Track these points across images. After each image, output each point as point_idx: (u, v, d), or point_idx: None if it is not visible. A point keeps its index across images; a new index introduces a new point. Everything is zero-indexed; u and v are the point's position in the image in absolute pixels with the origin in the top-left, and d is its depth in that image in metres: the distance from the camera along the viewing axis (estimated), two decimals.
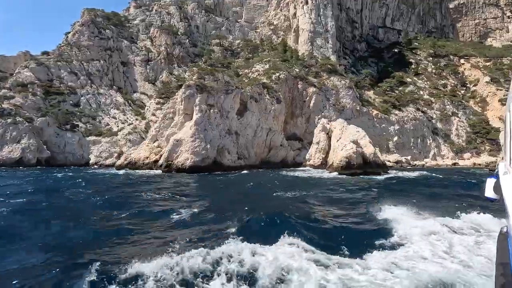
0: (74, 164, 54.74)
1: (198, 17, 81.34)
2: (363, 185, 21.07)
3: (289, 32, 72.89)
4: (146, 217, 11.64)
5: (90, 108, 61.12)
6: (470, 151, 58.21)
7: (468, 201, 14.07)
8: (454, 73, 78.02)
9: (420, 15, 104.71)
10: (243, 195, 17.31)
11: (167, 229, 9.95)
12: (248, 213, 11.02)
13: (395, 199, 13.85)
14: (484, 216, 10.45)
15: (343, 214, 11.99)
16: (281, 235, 7.89)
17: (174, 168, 31.02)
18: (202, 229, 9.66)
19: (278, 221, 9.78)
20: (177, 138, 32.80)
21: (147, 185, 21.79)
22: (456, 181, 24.14)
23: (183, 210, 12.36)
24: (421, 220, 10.12)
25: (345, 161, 26.30)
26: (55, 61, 62.25)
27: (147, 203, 14.69)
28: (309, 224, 9.69)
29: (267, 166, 38.63)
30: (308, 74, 54.72)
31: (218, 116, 35.40)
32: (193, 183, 22.92)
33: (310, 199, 15.24)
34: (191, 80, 37.20)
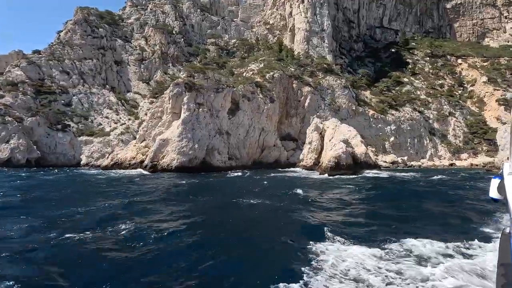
0: (65, 165, 53.69)
1: (194, 16, 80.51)
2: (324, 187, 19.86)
3: (285, 31, 72.18)
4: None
5: (82, 108, 60.11)
6: (467, 151, 57.59)
7: (414, 223, 10.58)
8: (451, 73, 77.53)
9: (417, 15, 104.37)
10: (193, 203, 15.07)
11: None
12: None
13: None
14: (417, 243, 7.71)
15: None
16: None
17: (159, 168, 30.10)
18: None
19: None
20: (163, 137, 31.86)
21: (112, 187, 20.60)
22: (444, 185, 22.33)
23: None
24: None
25: (334, 162, 25.37)
26: (46, 60, 61.22)
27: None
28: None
29: (260, 166, 37.75)
30: (304, 74, 53.96)
31: (207, 115, 34.48)
32: (163, 188, 20.18)
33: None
34: (179, 78, 36.30)
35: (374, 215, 11.76)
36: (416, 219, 11.03)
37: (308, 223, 10.62)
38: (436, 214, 12.05)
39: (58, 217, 11.25)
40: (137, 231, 9.24)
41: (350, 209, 13.20)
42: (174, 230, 9.40)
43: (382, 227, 9.91)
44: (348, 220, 11.04)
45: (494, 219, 10.81)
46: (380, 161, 49.16)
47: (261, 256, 7.55)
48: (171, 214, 11.83)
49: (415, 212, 12.53)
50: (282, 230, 9.72)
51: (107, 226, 9.74)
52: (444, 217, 11.45)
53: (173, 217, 11.38)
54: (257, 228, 10.33)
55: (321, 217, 11.64)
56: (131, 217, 11.03)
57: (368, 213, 12.18)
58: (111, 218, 10.80)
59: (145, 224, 10.16)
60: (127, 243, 8.19)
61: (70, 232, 8.94)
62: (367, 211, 12.70)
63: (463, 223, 10.52)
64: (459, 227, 9.91)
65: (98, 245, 8.02)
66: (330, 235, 8.72)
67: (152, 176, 26.43)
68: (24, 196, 16.84)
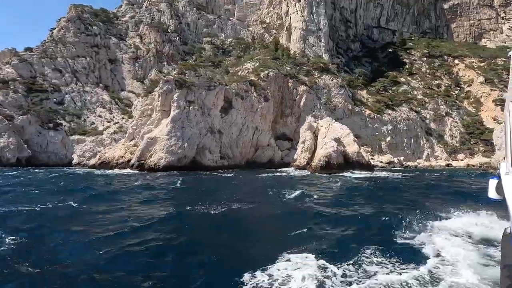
0: (57, 164, 52.78)
1: (189, 14, 79.76)
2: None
3: (282, 30, 71.62)
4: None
5: (75, 107, 59.18)
6: (464, 151, 57.21)
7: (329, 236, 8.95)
8: (448, 73, 77.29)
9: (414, 15, 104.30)
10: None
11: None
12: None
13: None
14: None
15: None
16: None
17: (146, 167, 29.26)
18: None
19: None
20: (151, 136, 31.05)
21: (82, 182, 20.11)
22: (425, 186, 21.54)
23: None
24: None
25: (324, 161, 24.66)
26: (38, 58, 60.25)
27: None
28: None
29: (254, 166, 37.03)
30: (299, 73, 53.34)
31: (198, 113, 33.69)
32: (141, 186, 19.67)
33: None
34: (169, 75, 35.56)
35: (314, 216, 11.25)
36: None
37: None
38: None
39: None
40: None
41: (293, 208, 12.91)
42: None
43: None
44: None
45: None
46: (376, 161, 48.61)
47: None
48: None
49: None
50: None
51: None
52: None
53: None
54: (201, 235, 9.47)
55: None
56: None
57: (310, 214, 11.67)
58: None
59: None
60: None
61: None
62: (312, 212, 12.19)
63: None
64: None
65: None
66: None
67: (133, 174, 25.69)
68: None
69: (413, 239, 8.00)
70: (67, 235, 8.61)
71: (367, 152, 49.94)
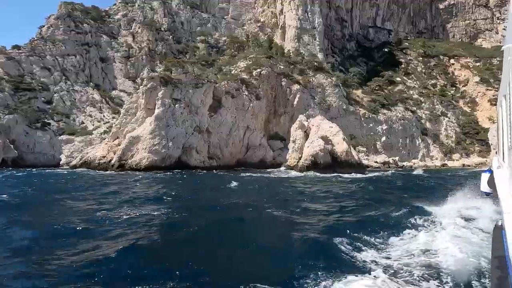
0: (45, 165, 51.42)
1: (183, 13, 78.65)
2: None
3: (276, 29, 70.78)
4: None
5: (64, 106, 57.80)
6: (459, 151, 56.61)
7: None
8: (444, 73, 76.91)
9: (410, 15, 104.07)
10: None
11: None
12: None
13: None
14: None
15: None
16: None
17: (127, 168, 28.10)
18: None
19: None
20: (134, 134, 29.90)
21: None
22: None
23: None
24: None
25: (310, 160, 23.59)
26: (26, 56, 58.81)
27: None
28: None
29: (244, 166, 36.00)
30: (293, 71, 52.44)
31: (185, 111, 32.56)
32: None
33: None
34: (154, 72, 34.44)
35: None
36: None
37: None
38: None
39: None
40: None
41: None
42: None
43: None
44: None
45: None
46: (371, 161, 47.84)
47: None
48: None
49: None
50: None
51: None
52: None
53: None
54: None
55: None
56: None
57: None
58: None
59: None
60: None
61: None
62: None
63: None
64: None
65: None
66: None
67: (109, 175, 24.60)
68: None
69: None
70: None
71: (361, 152, 49.15)
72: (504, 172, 3.58)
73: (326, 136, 25.25)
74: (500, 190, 3.23)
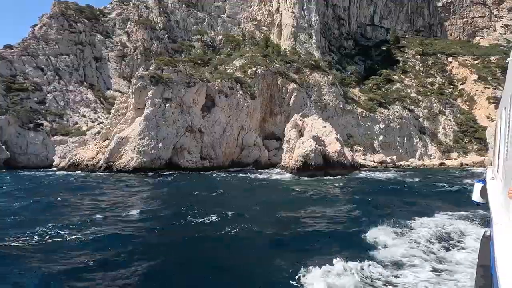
0: (37, 166, 50.68)
1: (179, 11, 77.82)
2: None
3: (273, 27, 70.13)
4: None
5: (57, 106, 57.00)
6: (457, 150, 56.13)
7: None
8: (442, 71, 76.45)
9: (408, 13, 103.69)
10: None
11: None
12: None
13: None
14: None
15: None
16: None
17: (114, 169, 27.36)
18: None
19: None
20: (122, 135, 29.18)
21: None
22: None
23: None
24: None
25: (301, 161, 22.84)
26: (19, 56, 57.94)
27: None
28: None
29: (239, 166, 35.36)
30: (289, 70, 51.79)
31: (176, 111, 31.83)
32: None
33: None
34: (144, 71, 33.76)
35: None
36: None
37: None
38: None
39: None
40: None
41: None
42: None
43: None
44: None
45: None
46: (368, 160, 47.31)
47: None
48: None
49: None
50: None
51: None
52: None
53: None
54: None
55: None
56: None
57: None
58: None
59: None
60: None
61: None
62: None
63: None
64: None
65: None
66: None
67: (91, 176, 23.77)
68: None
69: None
70: None
71: (358, 151, 48.60)
72: (498, 183, 3.60)
73: (318, 136, 24.52)
74: (492, 201, 3.23)
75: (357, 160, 30.67)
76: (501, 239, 2.26)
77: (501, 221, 2.60)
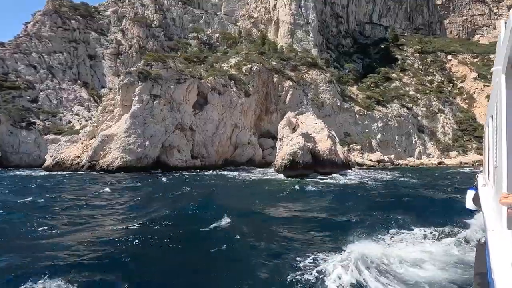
0: (30, 165, 49.84)
1: (175, 9, 76.89)
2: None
3: (270, 25, 69.25)
4: None
5: (50, 104, 56.10)
6: (456, 149, 55.34)
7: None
8: (441, 69, 75.69)
9: (407, 11, 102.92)
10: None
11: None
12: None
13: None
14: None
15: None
16: None
17: (97, 169, 26.40)
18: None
19: None
20: (107, 133, 28.23)
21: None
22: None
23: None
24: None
25: (288, 159, 21.79)
26: (11, 53, 57.03)
27: None
28: None
29: (233, 166, 34.51)
30: (286, 68, 50.91)
31: (165, 108, 30.89)
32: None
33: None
34: (132, 67, 32.87)
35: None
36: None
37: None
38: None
39: None
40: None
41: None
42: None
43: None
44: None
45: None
46: (365, 159, 46.50)
47: None
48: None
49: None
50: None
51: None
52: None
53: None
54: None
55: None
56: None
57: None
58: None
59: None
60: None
61: None
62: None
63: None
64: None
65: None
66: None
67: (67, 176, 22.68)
68: None
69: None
70: None
71: (355, 150, 47.78)
72: (489, 190, 3.66)
73: (308, 133, 23.49)
74: (484, 208, 3.28)
75: (351, 158, 29.78)
76: (495, 245, 2.24)
77: (495, 227, 2.63)
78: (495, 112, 3.43)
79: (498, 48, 3.60)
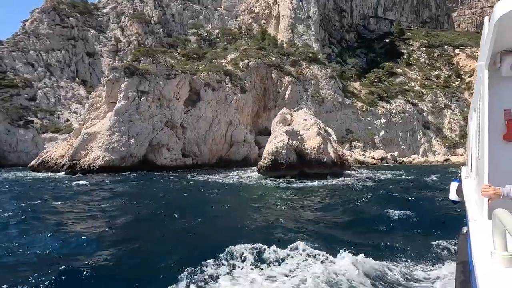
0: (27, 164, 49.50)
1: (174, 5, 75.80)
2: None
3: (271, 20, 67.65)
4: None
5: (48, 103, 55.74)
6: (463, 146, 53.19)
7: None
8: (449, 64, 73.10)
9: (413, 4, 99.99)
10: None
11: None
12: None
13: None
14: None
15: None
16: None
17: (78, 169, 25.40)
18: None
19: None
20: (90, 131, 27.31)
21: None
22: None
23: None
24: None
25: (270, 159, 20.26)
26: (9, 51, 56.76)
27: None
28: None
29: (227, 164, 33.40)
30: (285, 63, 49.41)
31: (154, 105, 29.84)
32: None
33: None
34: (117, 62, 31.86)
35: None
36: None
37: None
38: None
39: None
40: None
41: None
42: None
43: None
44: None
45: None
46: (367, 157, 44.91)
47: None
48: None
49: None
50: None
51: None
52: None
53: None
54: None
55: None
56: None
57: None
58: None
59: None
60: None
61: None
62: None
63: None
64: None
65: None
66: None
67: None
68: None
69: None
70: None
71: (357, 148, 46.17)
72: (472, 182, 3.86)
73: (294, 130, 21.92)
74: (467, 199, 3.46)
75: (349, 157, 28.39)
76: (476, 235, 2.36)
77: (476, 217, 2.73)
78: (478, 106, 3.53)
79: (482, 43, 3.68)
